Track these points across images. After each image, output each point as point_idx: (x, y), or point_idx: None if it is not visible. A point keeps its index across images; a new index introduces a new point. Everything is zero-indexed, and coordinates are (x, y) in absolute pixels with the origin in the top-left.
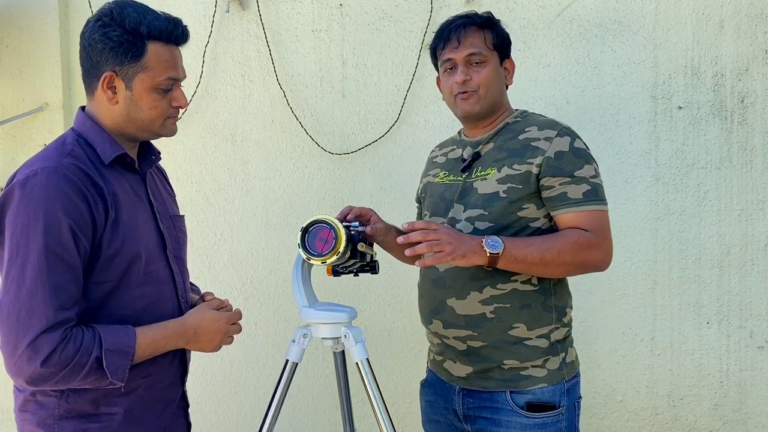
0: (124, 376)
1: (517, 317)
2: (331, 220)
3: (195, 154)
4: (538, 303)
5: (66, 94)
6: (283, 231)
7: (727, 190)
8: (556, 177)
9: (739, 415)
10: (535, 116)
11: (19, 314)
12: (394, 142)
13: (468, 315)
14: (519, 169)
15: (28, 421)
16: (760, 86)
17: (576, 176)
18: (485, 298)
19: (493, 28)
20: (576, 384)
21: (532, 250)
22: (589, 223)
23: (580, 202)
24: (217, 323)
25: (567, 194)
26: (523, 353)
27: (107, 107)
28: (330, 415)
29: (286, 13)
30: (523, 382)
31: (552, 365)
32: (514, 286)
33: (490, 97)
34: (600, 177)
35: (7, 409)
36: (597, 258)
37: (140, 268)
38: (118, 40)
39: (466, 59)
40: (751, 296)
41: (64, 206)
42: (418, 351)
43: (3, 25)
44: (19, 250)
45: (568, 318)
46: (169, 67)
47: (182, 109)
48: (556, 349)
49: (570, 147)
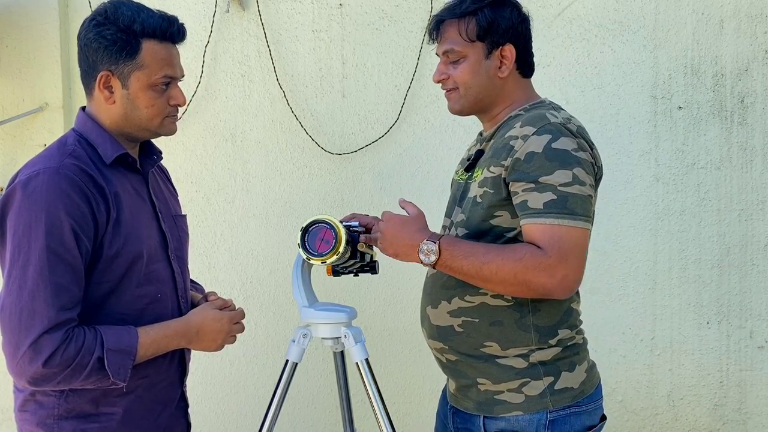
0: (126, 376)
1: (488, 334)
2: (331, 220)
3: (195, 154)
4: (511, 320)
5: (66, 94)
6: (283, 231)
7: (727, 190)
8: (520, 182)
9: (739, 415)
10: (535, 110)
11: (21, 315)
12: (394, 142)
13: (439, 326)
14: (493, 172)
15: (28, 421)
16: (760, 86)
17: (540, 182)
18: (453, 309)
19: (477, 14)
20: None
21: (470, 263)
22: (544, 239)
23: (538, 213)
24: (219, 323)
25: (527, 202)
26: (495, 373)
27: (105, 107)
28: (330, 415)
29: (286, 13)
30: (497, 407)
31: (531, 391)
32: (483, 300)
33: (472, 94)
34: (579, 186)
35: (7, 409)
36: (544, 282)
37: (141, 267)
38: (112, 39)
39: (445, 56)
40: (751, 296)
41: (66, 206)
42: (418, 351)
43: (3, 25)
44: (21, 250)
45: (558, 338)
46: (165, 64)
47: (181, 108)
48: (536, 372)
49: (544, 147)
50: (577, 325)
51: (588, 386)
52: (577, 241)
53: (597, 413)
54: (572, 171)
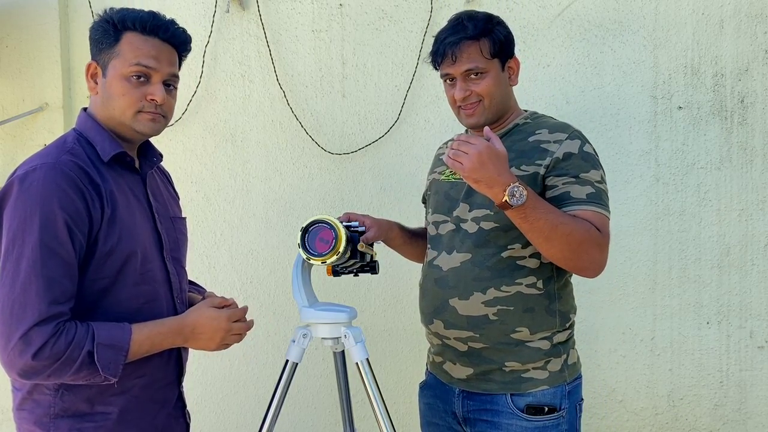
0: (116, 372)
1: (521, 320)
2: (331, 220)
3: (195, 154)
4: (542, 307)
5: (66, 94)
6: (283, 231)
7: (727, 190)
8: (561, 177)
9: (739, 415)
10: (546, 118)
11: (12, 307)
12: (394, 142)
13: (470, 316)
14: (527, 170)
15: (26, 420)
16: (760, 86)
17: (581, 178)
18: (489, 299)
19: (489, 35)
20: (578, 386)
21: (549, 218)
22: (596, 222)
23: (583, 202)
24: (216, 321)
25: (570, 193)
26: (525, 355)
27: (93, 100)
28: (330, 415)
29: (286, 13)
30: (524, 384)
31: (553, 367)
32: (518, 289)
33: (494, 105)
34: (606, 185)
35: (7, 409)
36: (597, 258)
37: (136, 266)
38: (98, 29)
39: (464, 74)
40: (751, 296)
41: (60, 201)
42: (418, 351)
43: (3, 25)
44: (16, 243)
45: (571, 322)
46: (141, 54)
47: (159, 104)
48: (558, 351)
49: (579, 150)
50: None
51: (579, 362)
52: (609, 229)
53: None
54: (600, 171)
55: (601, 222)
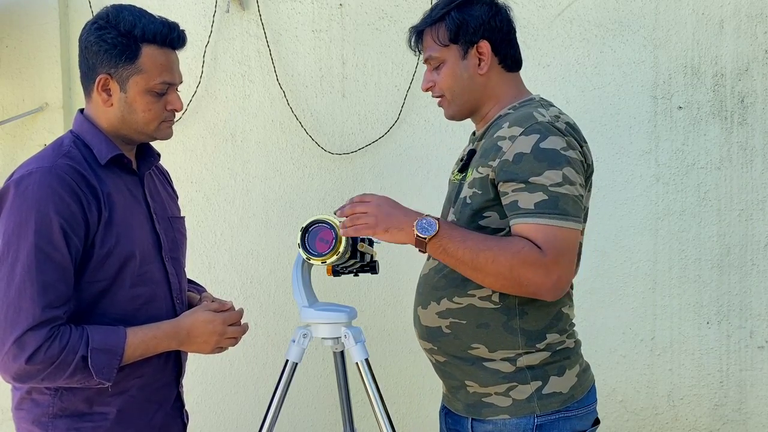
0: (110, 376)
1: (474, 336)
2: (331, 220)
3: (195, 154)
4: (498, 323)
5: (66, 94)
6: (283, 231)
7: (727, 190)
8: (509, 182)
9: (739, 415)
10: (523, 109)
11: (7, 311)
12: (394, 142)
13: (428, 326)
14: (480, 173)
15: (24, 419)
16: (760, 86)
17: (531, 182)
18: (442, 310)
19: (444, 19)
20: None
21: (466, 247)
22: (539, 238)
23: (528, 214)
24: (210, 324)
25: (518, 203)
26: (482, 376)
27: (103, 109)
28: (330, 415)
29: (286, 13)
30: (484, 409)
31: (519, 395)
32: (470, 302)
33: (458, 97)
34: (569, 186)
35: (7, 409)
36: (537, 280)
37: (134, 268)
38: (112, 43)
39: (427, 64)
40: (751, 296)
41: (55, 205)
42: (418, 351)
43: (3, 25)
44: (11, 248)
45: (546, 343)
46: (164, 70)
47: (178, 113)
48: (524, 377)
49: (533, 147)
50: (568, 329)
51: (579, 391)
52: (569, 242)
53: (588, 417)
54: (562, 171)
55: (546, 236)
